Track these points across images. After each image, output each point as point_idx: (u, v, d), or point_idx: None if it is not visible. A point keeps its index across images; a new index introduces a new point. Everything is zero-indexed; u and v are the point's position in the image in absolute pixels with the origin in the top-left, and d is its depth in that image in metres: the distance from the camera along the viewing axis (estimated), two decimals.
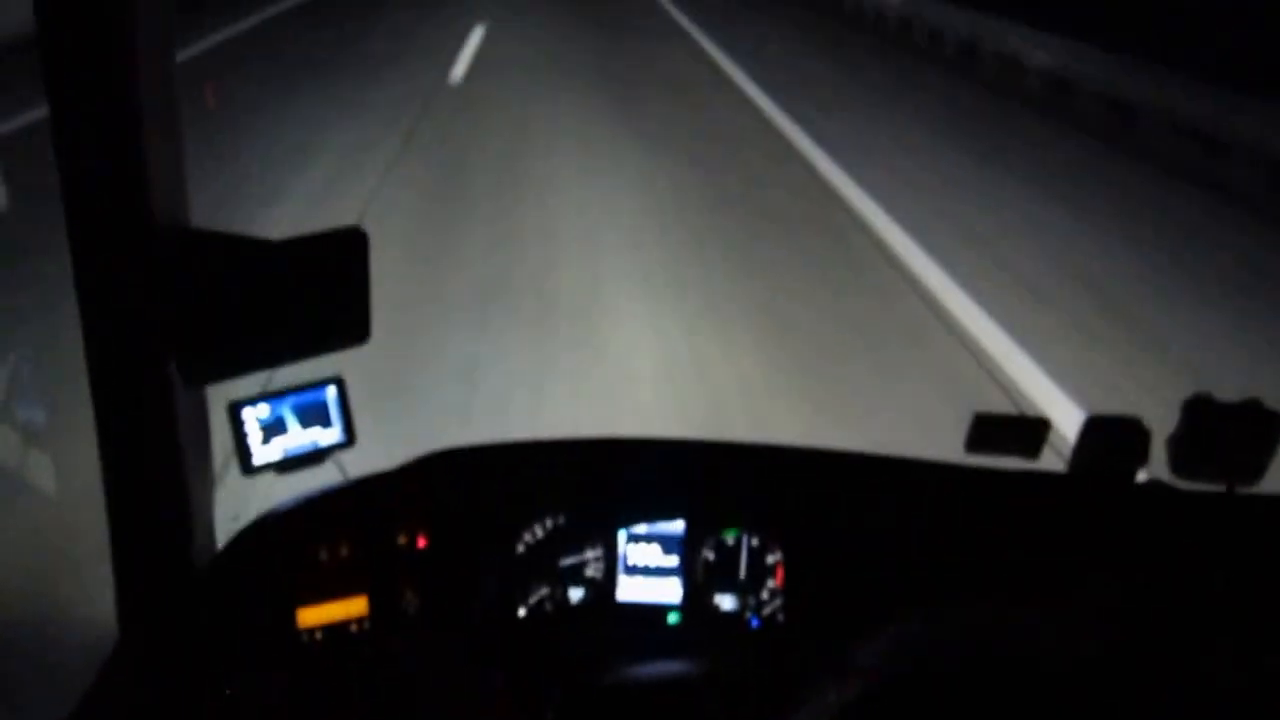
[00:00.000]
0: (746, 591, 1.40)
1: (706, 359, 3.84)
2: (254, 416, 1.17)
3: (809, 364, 3.83)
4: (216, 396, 1.17)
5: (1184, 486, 1.28)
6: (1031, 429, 1.34)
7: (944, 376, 3.82)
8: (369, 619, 1.30)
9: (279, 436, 1.20)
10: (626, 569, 1.41)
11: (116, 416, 1.06)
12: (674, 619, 1.41)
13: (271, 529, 1.26)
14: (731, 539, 1.40)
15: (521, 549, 1.37)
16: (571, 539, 1.39)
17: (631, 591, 1.41)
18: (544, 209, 5.55)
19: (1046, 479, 1.37)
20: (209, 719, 1.20)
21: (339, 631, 1.29)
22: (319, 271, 1.08)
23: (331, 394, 1.23)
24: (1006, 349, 4.06)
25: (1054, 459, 1.37)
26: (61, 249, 0.98)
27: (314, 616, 1.27)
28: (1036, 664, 0.78)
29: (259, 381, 1.19)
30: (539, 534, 1.38)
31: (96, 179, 0.96)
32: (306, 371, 1.18)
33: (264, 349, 1.10)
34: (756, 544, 1.40)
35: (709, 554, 1.40)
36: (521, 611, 1.38)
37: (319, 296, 1.10)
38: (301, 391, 1.21)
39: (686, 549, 1.40)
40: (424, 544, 1.32)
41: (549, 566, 1.38)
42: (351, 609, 1.29)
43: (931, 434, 1.95)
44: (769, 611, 1.40)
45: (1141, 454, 1.31)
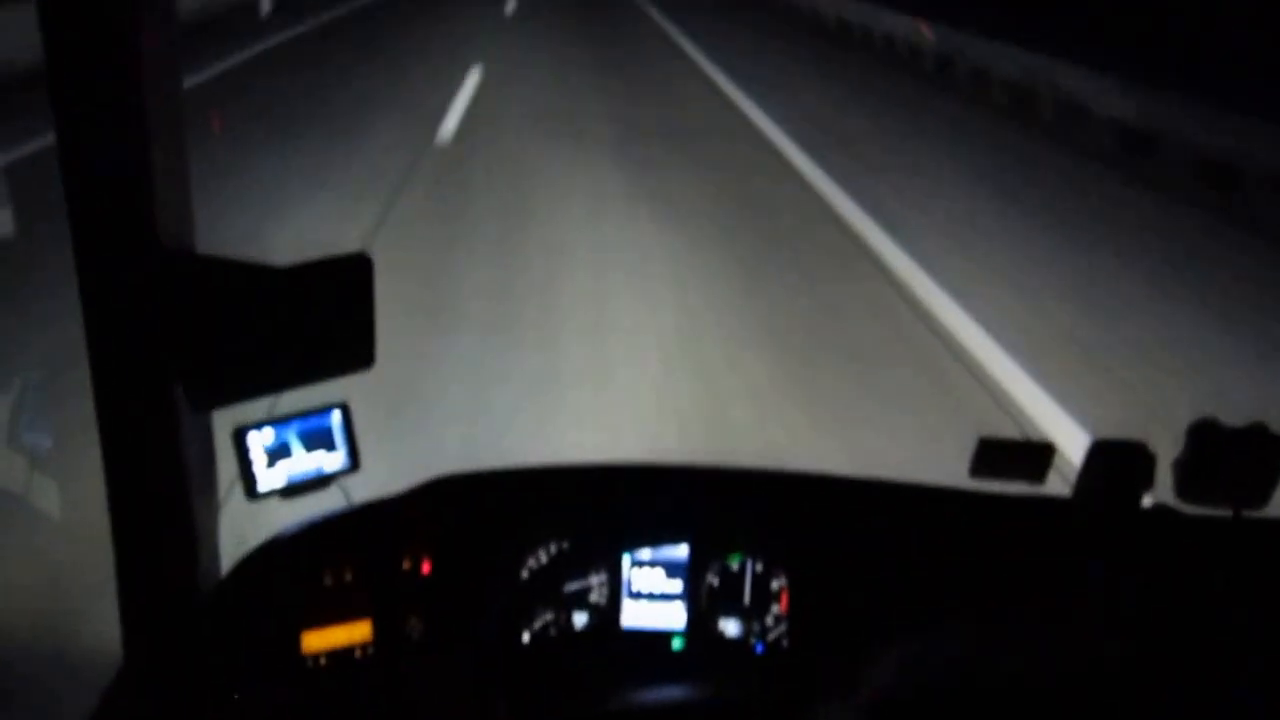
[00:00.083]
0: (751, 617, 1.40)
1: None
2: (259, 441, 1.18)
3: None
4: (222, 421, 1.17)
5: (1190, 511, 1.27)
6: (1036, 454, 1.33)
7: None
8: (373, 644, 1.30)
9: (284, 461, 1.20)
10: (631, 594, 1.41)
11: (122, 441, 1.07)
12: (678, 644, 1.41)
13: (276, 554, 1.26)
14: (736, 564, 1.40)
15: (526, 574, 1.37)
16: (576, 564, 1.39)
17: (636, 617, 1.41)
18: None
19: (1051, 504, 1.37)
20: None
21: (343, 656, 1.28)
22: (324, 297, 1.09)
23: (336, 419, 1.23)
24: None
25: (1059, 483, 1.37)
26: (68, 272, 0.99)
27: (318, 641, 1.27)
28: (1039, 684, 0.77)
29: (264, 407, 1.19)
30: (543, 559, 1.37)
31: (103, 204, 0.97)
32: (311, 397, 1.18)
33: (269, 374, 1.10)
34: (761, 569, 1.39)
35: (713, 579, 1.40)
36: (526, 637, 1.37)
37: (324, 322, 1.10)
38: (306, 417, 1.21)
39: (691, 574, 1.40)
40: (428, 569, 1.32)
41: (553, 592, 1.38)
42: (356, 634, 1.29)
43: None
44: (774, 637, 1.39)
45: (1147, 478, 1.30)
